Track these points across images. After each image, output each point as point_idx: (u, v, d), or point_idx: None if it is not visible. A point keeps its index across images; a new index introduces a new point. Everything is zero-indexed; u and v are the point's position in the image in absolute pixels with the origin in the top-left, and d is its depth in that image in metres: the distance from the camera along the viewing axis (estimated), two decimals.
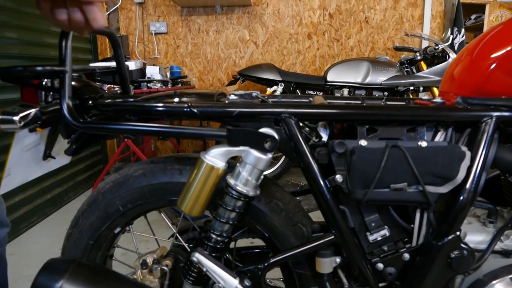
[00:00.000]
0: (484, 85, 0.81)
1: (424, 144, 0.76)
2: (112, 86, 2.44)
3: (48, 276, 0.68)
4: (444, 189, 0.76)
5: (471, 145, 0.78)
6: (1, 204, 1.15)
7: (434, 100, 0.85)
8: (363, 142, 0.77)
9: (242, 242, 1.09)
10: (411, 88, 2.93)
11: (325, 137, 0.83)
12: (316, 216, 2.19)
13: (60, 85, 0.76)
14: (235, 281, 0.80)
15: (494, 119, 0.77)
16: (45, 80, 0.81)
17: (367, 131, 0.81)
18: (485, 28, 3.83)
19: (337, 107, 0.80)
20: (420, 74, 2.96)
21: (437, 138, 0.81)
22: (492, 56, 0.82)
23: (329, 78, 3.07)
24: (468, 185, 0.76)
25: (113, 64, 1.02)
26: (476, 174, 0.76)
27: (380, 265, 0.83)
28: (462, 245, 0.79)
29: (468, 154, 0.75)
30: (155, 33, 3.68)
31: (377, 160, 0.75)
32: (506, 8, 3.84)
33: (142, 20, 3.68)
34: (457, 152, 0.75)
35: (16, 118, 0.71)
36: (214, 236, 0.83)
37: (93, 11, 0.64)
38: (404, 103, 0.93)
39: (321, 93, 3.13)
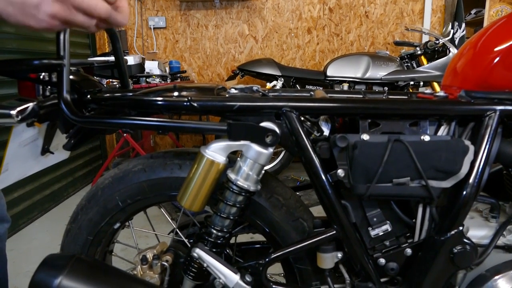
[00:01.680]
0: (488, 79, 0.80)
1: (427, 138, 0.76)
2: (110, 80, 2.43)
3: (47, 272, 0.68)
4: (447, 184, 0.75)
5: (474, 139, 0.77)
6: (1, 199, 1.14)
7: (437, 94, 0.84)
8: (365, 136, 0.76)
9: (242, 237, 1.08)
10: (411, 83, 2.93)
11: (326, 131, 0.82)
12: (317, 211, 2.18)
13: (58, 79, 0.75)
14: (236, 277, 0.79)
15: (497, 113, 0.76)
16: (43, 74, 0.80)
17: (369, 125, 0.80)
18: (485, 23, 3.81)
19: (339, 101, 0.79)
20: (420, 68, 2.95)
21: (440, 132, 0.80)
22: (496, 49, 0.81)
23: (329, 73, 3.06)
24: (471, 180, 0.75)
25: (111, 58, 1.00)
26: (480, 169, 0.75)
27: (382, 260, 0.82)
28: (465, 240, 0.78)
29: (472, 148, 0.74)
30: (154, 28, 3.66)
31: (379, 154, 0.74)
32: (506, 3, 3.83)
33: (141, 14, 3.65)
34: (460, 146, 0.74)
35: (13, 112, 0.69)
36: (214, 231, 0.82)
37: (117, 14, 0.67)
38: (406, 97, 0.92)
39: (321, 88, 3.11)
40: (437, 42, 2.92)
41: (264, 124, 0.77)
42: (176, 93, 0.84)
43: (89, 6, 0.61)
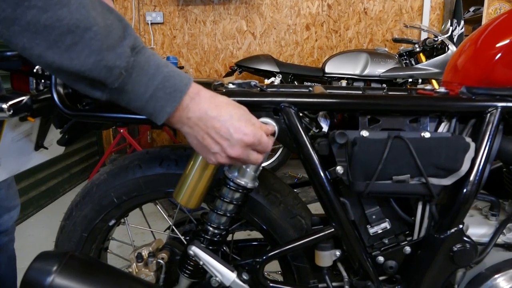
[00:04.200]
0: (489, 75, 0.79)
1: (427, 135, 0.75)
2: None
3: (39, 269, 0.66)
4: (447, 181, 0.74)
5: (475, 136, 0.76)
6: (10, 189, 1.11)
7: (438, 90, 0.83)
8: (364, 133, 0.75)
9: (239, 235, 1.07)
10: (410, 80, 2.92)
11: (325, 128, 0.81)
12: (314, 208, 2.18)
13: None
14: (232, 275, 0.78)
15: (499, 109, 0.75)
16: (37, 66, 0.78)
17: (369, 122, 0.79)
18: (484, 21, 3.80)
19: (339, 96, 0.78)
20: (419, 66, 2.94)
21: (440, 129, 0.79)
22: (498, 45, 0.80)
23: (327, 69, 3.04)
24: (472, 177, 0.74)
25: None
26: (480, 166, 0.74)
27: (381, 258, 0.82)
28: (465, 238, 0.77)
29: (473, 145, 0.73)
30: (151, 23, 3.63)
31: (379, 151, 0.73)
32: (504, 1, 3.81)
33: (138, 9, 3.62)
34: (461, 144, 0.73)
35: (5, 106, 0.68)
36: (211, 228, 0.81)
37: None
38: (406, 93, 0.91)
39: (319, 85, 3.10)
40: (436, 39, 2.91)
41: (262, 120, 0.76)
42: None
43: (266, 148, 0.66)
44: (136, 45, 0.55)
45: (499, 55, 0.79)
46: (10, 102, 0.69)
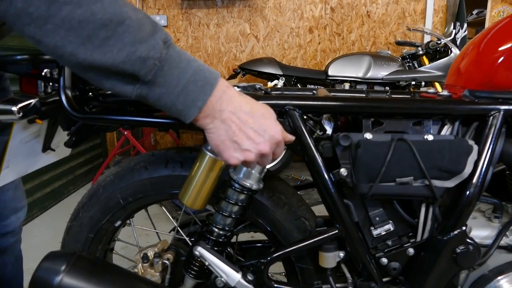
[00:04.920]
0: (492, 78, 0.80)
1: (430, 137, 0.75)
2: None
3: (48, 269, 0.67)
4: (450, 184, 0.74)
5: (478, 139, 0.76)
6: (17, 190, 1.12)
7: (441, 93, 0.83)
8: (368, 135, 0.76)
9: (243, 236, 1.08)
10: (413, 83, 2.92)
11: (329, 130, 0.82)
12: (317, 210, 2.18)
13: (59, 75, 0.75)
14: (237, 275, 0.79)
15: (502, 112, 0.75)
16: (45, 70, 0.80)
17: (373, 124, 0.79)
18: (487, 24, 3.80)
19: (342, 99, 0.79)
20: (422, 69, 2.95)
21: (443, 132, 0.79)
22: (500, 49, 0.80)
23: (330, 72, 3.05)
24: (475, 180, 0.74)
25: None
26: (483, 169, 0.75)
27: (384, 260, 0.82)
28: (468, 240, 0.78)
29: (475, 148, 0.74)
30: None
31: (382, 153, 0.74)
32: (508, 3, 3.81)
33: None
34: (464, 146, 0.73)
35: (14, 108, 0.69)
36: (216, 229, 0.82)
37: None
38: (409, 96, 0.92)
39: (323, 87, 3.10)
40: (439, 42, 2.91)
41: None
42: None
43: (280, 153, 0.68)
44: (167, 39, 0.56)
45: (501, 58, 0.79)
46: (20, 105, 0.70)
